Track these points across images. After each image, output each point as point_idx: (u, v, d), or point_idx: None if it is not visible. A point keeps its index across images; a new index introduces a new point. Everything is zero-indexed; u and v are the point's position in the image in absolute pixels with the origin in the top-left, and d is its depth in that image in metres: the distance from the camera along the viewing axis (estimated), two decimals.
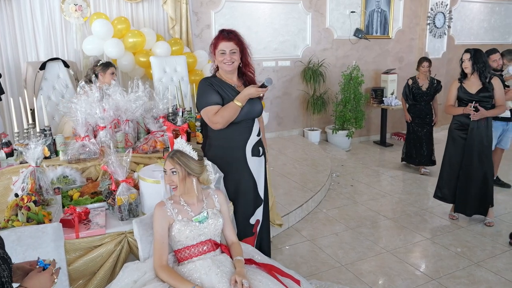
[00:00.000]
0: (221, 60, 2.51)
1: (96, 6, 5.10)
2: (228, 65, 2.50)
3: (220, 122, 2.46)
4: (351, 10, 7.01)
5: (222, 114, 2.45)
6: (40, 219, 2.16)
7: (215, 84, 2.52)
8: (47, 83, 4.25)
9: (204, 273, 1.96)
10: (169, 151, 2.12)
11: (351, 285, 3.04)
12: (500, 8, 8.62)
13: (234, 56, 2.51)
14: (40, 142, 2.55)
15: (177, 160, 2.03)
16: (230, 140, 2.58)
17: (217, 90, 2.51)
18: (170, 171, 2.04)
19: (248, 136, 2.62)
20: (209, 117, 2.49)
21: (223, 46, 2.50)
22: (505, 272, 3.22)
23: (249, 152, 2.63)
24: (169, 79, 4.87)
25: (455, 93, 3.98)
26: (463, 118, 3.90)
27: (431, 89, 5.65)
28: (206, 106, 2.49)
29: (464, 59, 3.85)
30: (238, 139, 2.59)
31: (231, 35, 2.52)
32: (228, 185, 2.59)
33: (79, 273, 2.14)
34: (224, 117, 2.45)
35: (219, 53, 2.51)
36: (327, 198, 4.78)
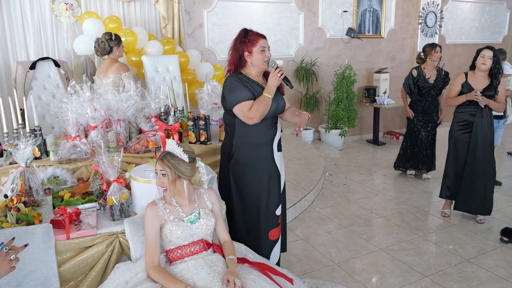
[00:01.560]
0: (262, 58, 2.53)
1: (87, 5, 5.06)
2: (267, 63, 2.55)
3: (256, 116, 2.48)
4: (344, 10, 7.02)
5: (257, 108, 2.48)
6: (30, 220, 2.13)
7: (243, 80, 2.55)
8: (37, 83, 4.21)
9: (196, 272, 1.95)
10: (160, 152, 2.10)
11: (344, 283, 3.04)
12: (491, 8, 8.68)
13: (270, 53, 2.57)
14: (30, 142, 2.52)
15: (167, 163, 2.01)
16: (259, 136, 2.61)
17: (247, 86, 2.54)
18: (160, 173, 2.03)
19: (275, 132, 2.68)
20: (244, 113, 2.49)
21: (263, 43, 2.53)
22: (496, 268, 3.24)
23: (275, 147, 2.69)
24: (162, 79, 4.85)
25: (458, 88, 3.94)
26: (467, 116, 3.89)
27: (439, 82, 5.00)
28: (239, 102, 2.50)
29: (484, 55, 3.76)
30: (267, 135, 2.64)
31: (263, 34, 2.57)
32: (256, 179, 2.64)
33: (70, 274, 2.12)
34: (259, 111, 2.48)
35: (259, 50, 2.52)
36: (320, 197, 4.78)
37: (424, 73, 5.00)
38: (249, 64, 2.57)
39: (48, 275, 2.01)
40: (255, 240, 2.69)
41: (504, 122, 5.03)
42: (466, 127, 3.93)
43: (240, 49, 2.54)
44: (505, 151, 6.59)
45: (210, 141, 3.36)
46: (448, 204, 4.24)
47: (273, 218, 2.74)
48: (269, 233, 2.73)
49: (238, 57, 2.56)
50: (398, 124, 8.05)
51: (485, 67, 3.78)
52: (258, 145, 2.62)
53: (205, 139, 3.32)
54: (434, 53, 4.92)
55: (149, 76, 4.78)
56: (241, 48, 2.54)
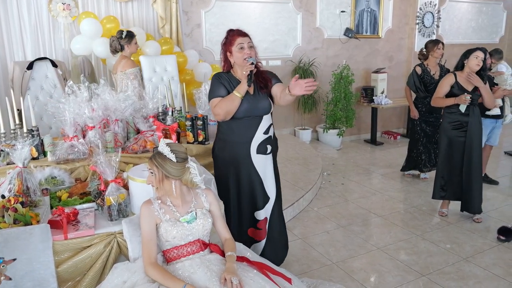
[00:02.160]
0: (241, 56, 2.53)
1: (85, 5, 5.06)
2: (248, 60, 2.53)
3: (220, 114, 2.52)
4: (341, 10, 7.03)
5: (220, 105, 2.51)
6: (27, 220, 2.13)
7: (223, 78, 2.59)
8: (34, 83, 4.20)
9: (193, 272, 1.95)
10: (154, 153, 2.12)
11: (343, 282, 3.04)
12: (488, 8, 8.71)
13: (252, 50, 2.56)
14: (28, 142, 2.52)
15: (155, 162, 2.02)
16: (236, 135, 2.64)
17: (224, 85, 2.56)
18: (149, 172, 2.05)
19: (253, 133, 2.65)
20: (212, 109, 2.58)
21: (241, 40, 2.54)
22: (493, 267, 3.25)
23: (254, 149, 2.67)
24: (159, 79, 4.85)
25: (447, 89, 3.92)
26: (460, 116, 3.89)
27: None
28: (211, 98, 2.58)
29: (478, 56, 3.77)
30: (244, 135, 2.64)
31: (244, 31, 2.59)
32: (231, 178, 2.67)
33: (68, 274, 2.11)
34: (223, 108, 2.50)
35: (237, 48, 2.54)
36: (318, 196, 4.78)
37: (428, 69, 4.98)
38: (233, 64, 2.61)
39: (46, 276, 2.00)
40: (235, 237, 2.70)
41: (502, 122, 5.05)
42: (460, 126, 3.93)
43: (224, 50, 2.61)
44: (502, 150, 6.60)
45: (208, 141, 3.37)
46: (446, 204, 4.24)
47: (251, 221, 2.76)
48: (248, 231, 2.78)
49: (225, 58, 2.63)
50: (396, 124, 8.07)
51: (479, 67, 3.81)
52: (234, 144, 2.65)
53: (203, 139, 3.32)
54: (437, 50, 4.89)
55: (147, 76, 4.78)
56: (224, 49, 2.60)
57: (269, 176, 2.78)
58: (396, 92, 7.74)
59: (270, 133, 2.74)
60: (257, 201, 2.76)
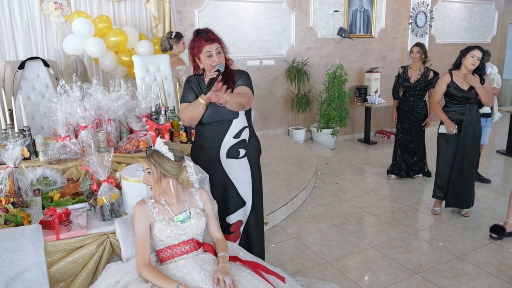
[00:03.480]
0: (209, 63, 2.47)
1: (77, 4, 5.03)
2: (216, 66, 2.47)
3: (185, 120, 2.54)
4: (335, 10, 7.05)
5: (185, 111, 2.52)
6: (19, 221, 2.11)
7: (192, 82, 2.58)
8: (26, 83, 4.17)
9: (187, 272, 1.94)
10: (150, 151, 2.09)
11: (336, 281, 3.05)
12: (480, 8, 8.77)
13: (220, 56, 2.49)
14: (19, 142, 2.49)
15: (153, 161, 2.00)
16: (207, 139, 2.63)
17: (193, 89, 2.55)
18: (146, 171, 2.03)
19: (222, 137, 2.61)
20: (179, 114, 2.58)
21: (209, 48, 2.45)
22: (485, 264, 3.28)
23: (224, 153, 2.63)
24: (152, 78, 4.83)
25: (443, 88, 3.94)
26: (457, 115, 3.92)
27: (421, 82, 4.90)
28: (180, 102, 2.60)
29: (475, 56, 3.78)
30: (213, 139, 2.62)
31: (211, 35, 2.48)
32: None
33: (60, 275, 2.10)
34: (187, 114, 2.51)
35: (205, 56, 2.47)
36: (312, 196, 4.79)
37: (407, 72, 5.02)
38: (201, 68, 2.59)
39: (37, 276, 1.98)
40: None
41: (491, 121, 5.09)
42: (456, 124, 3.96)
43: (192, 54, 2.54)
44: (494, 149, 6.65)
45: None
46: (439, 203, 4.27)
47: (224, 225, 2.70)
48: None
49: (194, 61, 2.58)
50: (389, 123, 8.09)
51: (474, 67, 3.82)
52: (205, 147, 2.65)
53: None
54: (410, 53, 5.01)
55: (140, 76, 4.75)
56: (192, 54, 2.54)
57: (245, 180, 2.71)
58: (389, 92, 7.72)
59: (243, 137, 2.65)
60: (229, 206, 2.71)
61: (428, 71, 4.96)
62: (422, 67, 4.98)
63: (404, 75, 5.04)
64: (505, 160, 6.21)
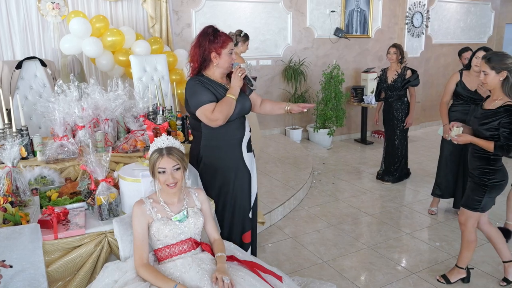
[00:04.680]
0: (229, 61, 2.50)
1: (74, 4, 5.03)
2: (232, 65, 2.53)
3: (220, 118, 2.42)
4: (331, 10, 7.07)
5: (220, 109, 2.42)
6: (17, 220, 2.11)
7: (205, 83, 2.49)
8: (23, 83, 4.17)
9: (185, 271, 1.95)
10: (158, 150, 2.05)
11: (333, 281, 3.06)
12: (476, 8, 8.81)
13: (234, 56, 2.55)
14: (17, 142, 2.50)
15: (177, 156, 2.01)
16: (227, 138, 2.57)
17: (209, 89, 2.48)
18: (173, 168, 2.00)
19: (244, 132, 2.64)
20: (207, 116, 2.43)
21: (231, 45, 2.50)
22: (481, 264, 3.30)
23: (245, 148, 2.65)
24: (150, 78, 4.84)
25: (452, 87, 3.92)
26: (460, 115, 3.88)
27: (398, 82, 4.86)
28: (201, 105, 2.44)
29: (478, 57, 3.73)
30: (235, 136, 2.60)
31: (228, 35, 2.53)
32: (226, 182, 2.60)
33: (58, 274, 2.10)
34: (223, 112, 2.42)
35: (227, 53, 2.48)
36: (309, 195, 4.81)
37: (386, 73, 5.02)
38: (214, 65, 2.51)
39: (36, 276, 1.99)
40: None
41: None
42: None
43: (208, 48, 2.46)
44: None
45: None
46: (436, 202, 4.29)
47: (247, 221, 2.73)
48: (242, 237, 2.73)
49: (203, 56, 2.48)
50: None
51: (478, 68, 3.81)
52: (226, 147, 2.58)
53: None
54: (387, 54, 4.95)
55: (137, 76, 4.76)
56: (208, 48, 2.46)
57: (255, 173, 2.78)
58: None
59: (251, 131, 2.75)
60: (250, 201, 2.75)
61: (405, 70, 4.89)
62: (399, 68, 4.92)
63: (383, 77, 5.03)
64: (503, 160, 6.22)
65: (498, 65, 2.55)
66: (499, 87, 2.60)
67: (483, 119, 2.66)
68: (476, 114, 2.77)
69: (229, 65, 2.52)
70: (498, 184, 2.76)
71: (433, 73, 8.47)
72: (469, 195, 2.83)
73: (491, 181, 2.73)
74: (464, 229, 2.89)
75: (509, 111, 2.53)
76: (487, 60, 2.60)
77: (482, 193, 2.76)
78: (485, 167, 2.74)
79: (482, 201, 2.78)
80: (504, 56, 2.58)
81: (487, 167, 2.73)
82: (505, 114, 2.54)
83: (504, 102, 2.59)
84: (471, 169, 2.84)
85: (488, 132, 2.64)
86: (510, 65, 2.55)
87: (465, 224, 2.87)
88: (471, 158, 2.83)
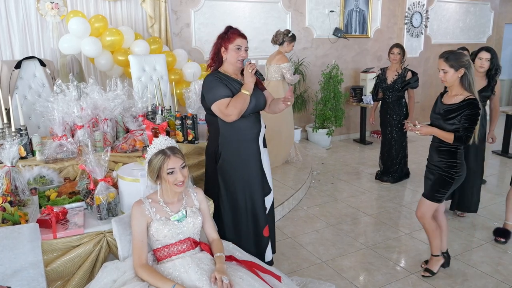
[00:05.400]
0: (236, 56, 2.55)
1: (73, 4, 5.02)
2: (241, 62, 2.57)
3: (234, 113, 2.48)
4: (330, 10, 7.07)
5: (234, 104, 2.47)
6: (16, 219, 2.12)
7: (222, 79, 2.56)
8: (22, 82, 4.17)
9: (184, 271, 1.95)
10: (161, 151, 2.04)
11: (332, 281, 3.06)
12: (475, 8, 8.82)
13: (246, 53, 2.59)
14: (16, 141, 2.50)
15: (181, 154, 2.06)
16: (244, 133, 2.62)
17: (226, 85, 2.54)
18: (180, 167, 2.03)
19: (260, 127, 2.69)
20: (221, 110, 2.49)
21: (240, 42, 2.55)
22: (480, 265, 3.30)
23: (261, 144, 2.71)
24: (148, 78, 4.84)
25: None
26: None
27: (397, 83, 4.80)
28: (217, 100, 2.50)
29: (482, 58, 3.77)
30: (252, 132, 2.65)
31: (244, 34, 2.60)
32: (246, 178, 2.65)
33: (57, 274, 2.10)
34: (237, 107, 2.47)
35: (234, 47, 2.54)
36: (307, 195, 4.81)
37: (385, 73, 4.98)
38: (225, 60, 2.59)
39: (34, 275, 1.99)
40: (246, 240, 2.71)
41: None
42: None
43: (219, 43, 2.58)
44: (489, 150, 6.69)
45: (197, 140, 3.37)
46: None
47: (265, 216, 2.78)
48: (263, 231, 2.77)
49: (217, 51, 2.60)
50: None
51: (483, 69, 3.82)
52: (244, 142, 2.63)
53: (192, 138, 3.32)
54: (390, 55, 4.91)
55: (136, 76, 4.76)
56: (219, 43, 2.58)
57: (268, 168, 2.82)
58: None
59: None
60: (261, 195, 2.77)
61: (406, 71, 4.85)
62: (399, 68, 4.88)
63: (382, 76, 4.98)
64: (500, 161, 6.25)
65: (456, 63, 2.73)
66: (458, 83, 2.79)
67: (448, 114, 2.78)
68: (437, 110, 2.89)
69: (236, 61, 2.56)
70: (461, 177, 2.89)
71: (432, 73, 8.47)
72: (434, 187, 2.94)
73: (458, 174, 2.86)
74: (424, 221, 3.03)
75: (472, 104, 2.70)
76: (446, 59, 2.76)
77: (448, 186, 2.88)
78: (452, 161, 2.85)
79: (446, 193, 2.93)
80: (460, 54, 2.76)
81: (454, 160, 2.85)
82: (468, 107, 2.70)
83: (465, 96, 2.75)
84: (434, 162, 2.94)
85: (452, 126, 2.78)
86: (466, 62, 2.73)
87: (424, 217, 3.01)
88: (435, 152, 2.93)
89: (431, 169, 2.97)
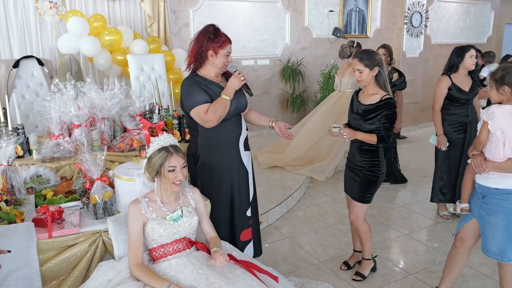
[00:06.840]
0: (224, 62, 2.51)
1: (72, 3, 5.02)
2: (226, 67, 2.55)
3: (214, 119, 2.43)
4: (330, 9, 7.07)
5: (214, 110, 2.42)
6: (11, 218, 2.11)
7: (200, 83, 2.49)
8: (21, 82, 4.16)
9: (180, 271, 1.94)
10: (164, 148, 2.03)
11: (330, 281, 3.05)
12: (475, 8, 8.81)
13: (230, 58, 2.55)
14: (13, 140, 2.49)
15: (182, 154, 2.05)
16: (224, 137, 2.56)
17: (204, 89, 2.47)
18: (182, 166, 2.02)
19: (240, 131, 2.64)
20: (200, 116, 2.44)
21: (229, 48, 2.51)
22: (480, 266, 3.29)
23: (242, 147, 2.65)
24: (147, 77, 4.83)
25: (444, 92, 3.79)
26: (460, 117, 3.84)
27: None
28: (195, 106, 2.44)
29: (473, 55, 3.72)
30: (232, 135, 2.60)
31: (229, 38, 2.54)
32: (223, 182, 2.60)
33: (52, 273, 2.09)
34: (217, 113, 2.42)
35: (224, 54, 2.49)
36: (306, 196, 4.79)
37: None
38: (209, 63, 2.51)
39: (30, 274, 1.98)
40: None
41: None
42: (460, 128, 3.87)
43: (205, 45, 2.47)
44: None
45: None
46: (444, 205, 4.20)
47: (245, 219, 2.73)
48: (240, 235, 2.72)
49: (199, 52, 2.49)
50: None
51: (473, 67, 3.80)
52: (224, 145, 2.58)
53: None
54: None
55: (134, 75, 4.76)
56: (206, 45, 2.46)
57: (251, 170, 2.77)
58: None
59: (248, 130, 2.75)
60: (248, 199, 2.75)
61: (392, 72, 4.78)
62: (386, 69, 4.70)
63: None
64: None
65: (370, 62, 2.74)
66: (373, 82, 2.80)
67: (367, 115, 2.78)
68: (356, 110, 2.88)
69: (224, 66, 2.53)
70: (383, 174, 2.90)
71: (432, 73, 8.46)
72: (362, 189, 2.93)
73: (381, 172, 2.87)
74: (359, 223, 3.02)
75: (389, 104, 2.71)
76: (360, 59, 2.76)
77: (374, 185, 2.90)
78: (375, 160, 2.86)
79: (374, 193, 2.95)
80: (373, 53, 2.79)
81: (377, 159, 2.86)
82: (386, 107, 2.72)
83: (381, 96, 2.76)
84: (357, 163, 2.93)
85: (372, 125, 2.77)
86: (379, 61, 2.76)
87: (358, 219, 3.02)
88: (357, 153, 2.91)
89: (354, 169, 2.97)
